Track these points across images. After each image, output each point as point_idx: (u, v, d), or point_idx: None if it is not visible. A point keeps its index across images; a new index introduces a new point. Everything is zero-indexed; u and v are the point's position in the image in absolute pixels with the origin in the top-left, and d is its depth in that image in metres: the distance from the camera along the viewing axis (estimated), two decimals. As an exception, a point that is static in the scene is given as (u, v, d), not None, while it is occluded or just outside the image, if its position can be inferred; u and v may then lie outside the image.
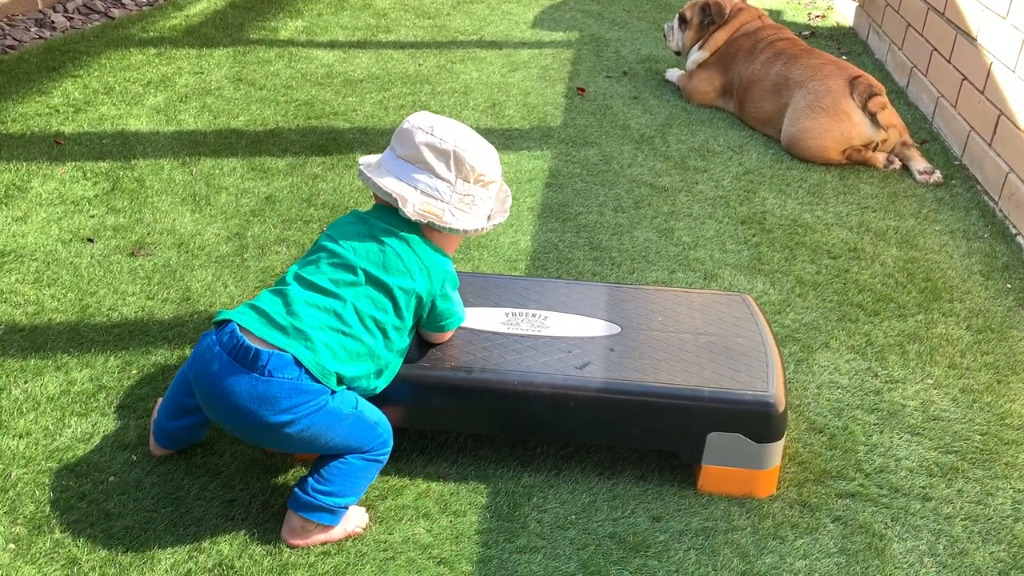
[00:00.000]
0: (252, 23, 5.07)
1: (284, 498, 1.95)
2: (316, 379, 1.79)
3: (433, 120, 1.98)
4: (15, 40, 4.46)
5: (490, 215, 2.05)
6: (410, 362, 2.04)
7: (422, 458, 2.12)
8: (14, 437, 2.08)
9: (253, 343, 1.79)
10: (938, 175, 3.75)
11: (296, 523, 1.86)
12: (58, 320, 2.49)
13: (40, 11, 4.87)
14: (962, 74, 3.99)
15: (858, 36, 5.65)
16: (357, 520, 1.92)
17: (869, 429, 2.32)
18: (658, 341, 2.19)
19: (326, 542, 1.88)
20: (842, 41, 5.52)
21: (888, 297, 2.91)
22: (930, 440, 2.30)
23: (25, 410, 2.17)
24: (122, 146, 3.50)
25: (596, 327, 2.23)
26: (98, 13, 5.04)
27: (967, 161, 3.90)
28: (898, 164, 3.85)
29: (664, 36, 4.80)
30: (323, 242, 1.97)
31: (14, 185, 3.14)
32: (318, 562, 1.84)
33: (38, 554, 1.81)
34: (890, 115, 3.85)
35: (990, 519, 2.08)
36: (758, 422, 2.01)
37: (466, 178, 1.97)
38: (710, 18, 4.46)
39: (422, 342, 2.10)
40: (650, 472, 2.14)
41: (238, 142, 3.63)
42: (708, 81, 4.40)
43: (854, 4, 5.80)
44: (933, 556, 1.97)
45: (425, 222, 1.95)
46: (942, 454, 2.26)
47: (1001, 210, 3.51)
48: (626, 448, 2.19)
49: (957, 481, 2.18)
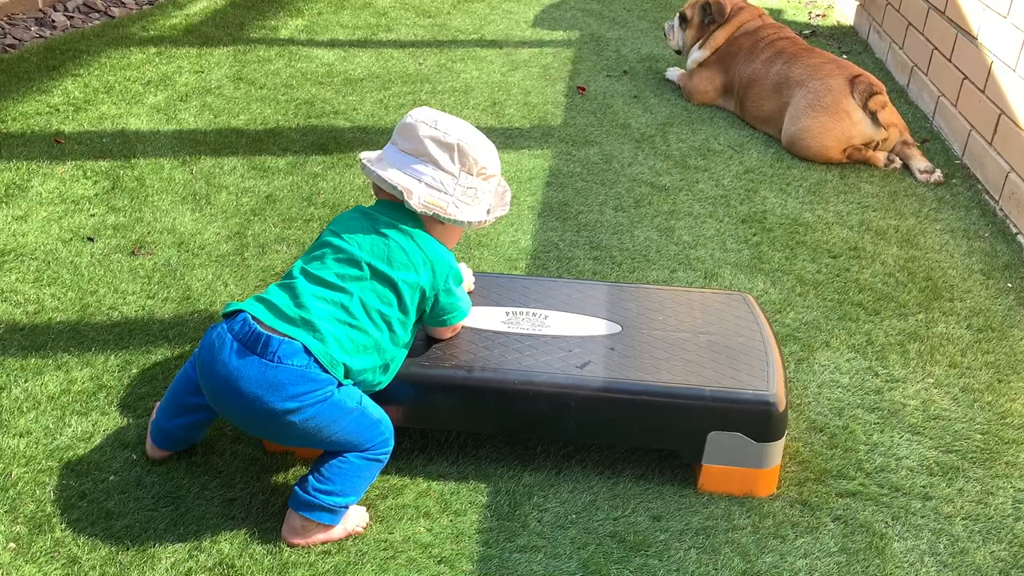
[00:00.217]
0: (252, 22, 5.07)
1: (284, 497, 1.95)
2: (324, 369, 1.80)
3: (436, 115, 2.00)
4: (15, 39, 4.46)
5: (490, 208, 2.07)
6: (411, 361, 2.04)
7: (422, 457, 2.12)
8: (14, 436, 2.08)
9: (264, 330, 1.80)
10: (939, 174, 3.75)
11: (296, 522, 1.86)
12: (58, 319, 2.49)
13: (40, 10, 4.87)
14: (963, 73, 3.99)
15: (858, 35, 5.65)
16: (357, 519, 1.92)
17: (870, 428, 2.32)
18: (659, 340, 2.19)
19: (326, 541, 1.88)
20: (843, 40, 5.51)
21: (889, 296, 2.91)
22: (931, 439, 2.30)
23: (25, 409, 2.16)
24: (122, 145, 3.50)
25: (597, 326, 2.23)
26: (98, 12, 5.04)
27: (968, 160, 3.89)
28: (899, 163, 3.85)
29: (664, 35, 4.80)
30: (327, 237, 1.98)
31: (14, 184, 3.14)
32: (318, 561, 1.84)
33: (39, 553, 1.81)
34: (890, 114, 3.85)
35: (990, 518, 2.08)
36: (759, 421, 2.01)
37: (469, 171, 1.99)
38: (711, 17, 4.46)
39: (423, 340, 2.11)
40: (650, 471, 2.14)
41: (238, 141, 3.63)
42: (709, 80, 4.40)
43: (855, 3, 5.79)
44: (933, 555, 1.97)
45: (430, 214, 1.97)
46: (943, 453, 2.26)
47: (1002, 209, 3.50)
48: (626, 447, 2.19)
49: (958, 480, 2.18)
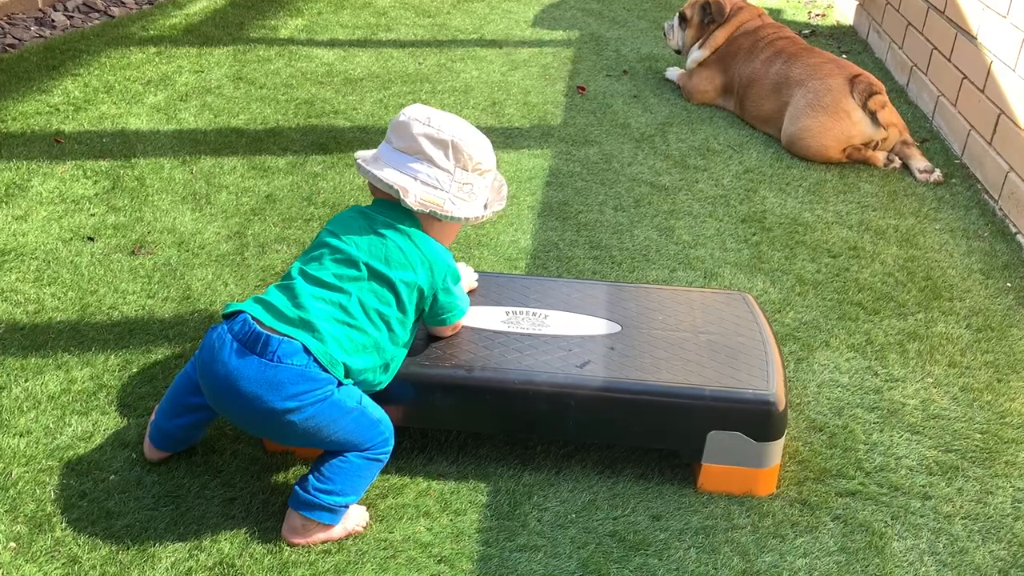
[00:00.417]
0: (252, 22, 5.07)
1: (284, 497, 1.95)
2: (324, 368, 1.80)
3: (429, 112, 2.00)
4: (15, 39, 4.46)
5: (486, 203, 2.08)
6: (411, 361, 2.04)
7: (422, 457, 2.12)
8: (15, 436, 2.08)
9: (263, 330, 1.81)
10: (938, 174, 3.75)
11: (297, 522, 1.86)
12: (58, 319, 2.49)
13: (40, 10, 4.87)
14: (962, 73, 3.99)
15: (858, 35, 5.65)
16: (357, 519, 1.92)
17: (869, 428, 2.33)
18: (658, 340, 2.19)
19: (326, 541, 1.88)
20: (842, 40, 5.52)
21: (888, 296, 2.91)
22: (930, 439, 2.30)
23: (26, 409, 2.17)
24: (122, 145, 3.50)
25: (596, 326, 2.23)
26: (98, 12, 5.04)
27: (967, 160, 3.90)
28: (898, 163, 3.85)
29: (664, 35, 4.80)
30: (325, 237, 1.98)
31: (14, 184, 3.14)
32: (318, 560, 1.84)
33: (39, 552, 1.81)
34: (890, 114, 3.85)
35: (990, 517, 2.08)
36: (758, 420, 2.02)
37: (464, 167, 1.99)
38: (710, 17, 4.46)
39: (423, 340, 2.11)
40: (650, 471, 2.14)
41: (238, 141, 3.63)
42: (708, 80, 4.40)
43: (854, 3, 5.80)
44: (933, 554, 1.97)
45: (427, 212, 1.97)
46: (942, 453, 2.26)
47: (1001, 209, 3.51)
48: (626, 447, 2.19)
49: (957, 480, 2.18)
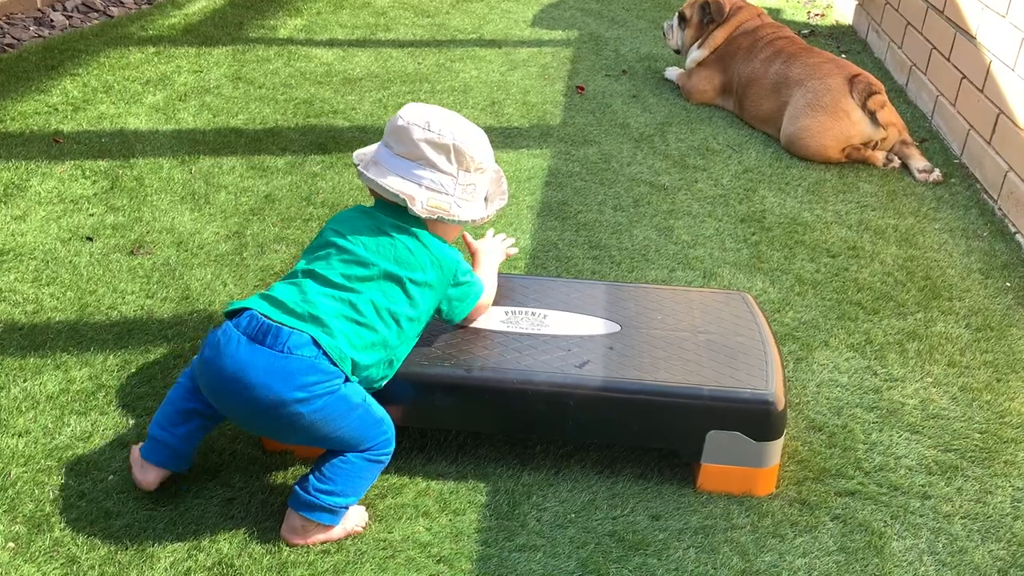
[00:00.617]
0: (251, 22, 5.07)
1: (284, 497, 1.94)
2: (333, 362, 1.80)
3: (426, 114, 1.98)
4: (14, 39, 4.45)
5: (488, 197, 2.08)
6: (411, 360, 2.04)
7: (421, 456, 2.12)
8: (13, 436, 2.08)
9: (272, 323, 1.81)
10: (937, 173, 3.75)
11: (296, 522, 1.86)
12: (57, 319, 2.49)
13: (39, 10, 4.86)
14: (961, 73, 3.99)
15: (857, 35, 5.65)
16: (357, 519, 1.92)
17: (868, 427, 2.32)
18: (657, 339, 2.19)
19: (326, 541, 1.87)
20: (841, 40, 5.52)
21: (887, 295, 2.91)
22: (929, 438, 2.30)
23: (24, 409, 2.16)
24: (121, 145, 3.50)
25: (595, 325, 2.23)
26: (97, 12, 5.03)
27: (966, 159, 3.90)
28: (897, 162, 3.85)
29: (663, 34, 4.80)
30: (331, 237, 1.98)
31: (13, 184, 3.14)
32: (317, 560, 1.84)
33: (37, 552, 1.81)
34: (889, 113, 3.85)
35: (989, 517, 2.08)
36: (757, 420, 2.01)
37: (467, 168, 2.00)
38: (709, 16, 4.46)
39: (423, 339, 2.10)
40: (649, 470, 2.14)
41: (237, 141, 3.63)
42: (707, 79, 4.40)
43: (853, 2, 5.80)
44: (932, 554, 1.97)
45: (435, 217, 1.97)
46: (941, 452, 2.26)
47: (1000, 208, 3.51)
48: (625, 446, 2.19)
49: (956, 479, 2.18)
